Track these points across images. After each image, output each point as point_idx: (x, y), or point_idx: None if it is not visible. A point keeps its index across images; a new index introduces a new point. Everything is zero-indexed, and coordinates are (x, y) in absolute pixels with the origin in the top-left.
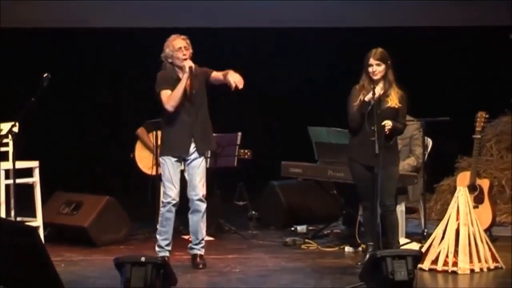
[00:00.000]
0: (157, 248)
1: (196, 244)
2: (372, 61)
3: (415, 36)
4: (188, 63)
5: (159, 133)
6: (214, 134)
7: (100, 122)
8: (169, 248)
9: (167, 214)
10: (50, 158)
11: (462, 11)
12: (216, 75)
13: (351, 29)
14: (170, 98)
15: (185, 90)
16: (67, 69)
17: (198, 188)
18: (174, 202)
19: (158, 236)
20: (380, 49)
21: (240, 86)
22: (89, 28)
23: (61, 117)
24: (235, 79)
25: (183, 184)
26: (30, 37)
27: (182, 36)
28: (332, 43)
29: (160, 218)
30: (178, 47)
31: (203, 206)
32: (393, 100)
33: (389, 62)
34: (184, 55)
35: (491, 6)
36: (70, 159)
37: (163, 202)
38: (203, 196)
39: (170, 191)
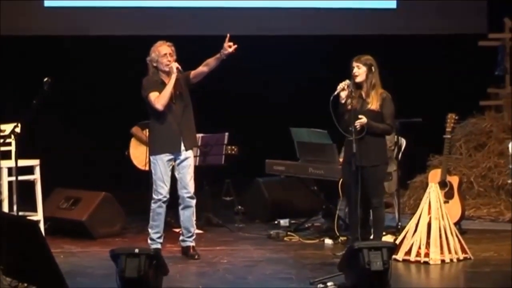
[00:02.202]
0: (149, 241)
1: (188, 237)
2: (354, 64)
3: (389, 43)
4: (175, 64)
5: None
6: (203, 134)
7: (95, 124)
8: (161, 240)
9: (158, 210)
10: (50, 157)
11: (435, 21)
12: (196, 70)
13: (333, 36)
14: (160, 97)
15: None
16: (65, 74)
17: (189, 186)
18: (164, 199)
19: (150, 230)
20: (365, 55)
21: (233, 46)
22: (88, 36)
23: (60, 118)
24: (226, 48)
25: (173, 180)
26: (31, 44)
27: (168, 43)
28: (319, 49)
29: (151, 214)
30: (164, 54)
31: (193, 202)
32: (373, 103)
33: (372, 67)
34: (169, 61)
35: (462, 16)
36: (69, 158)
37: (154, 199)
38: (193, 193)
39: (161, 189)
